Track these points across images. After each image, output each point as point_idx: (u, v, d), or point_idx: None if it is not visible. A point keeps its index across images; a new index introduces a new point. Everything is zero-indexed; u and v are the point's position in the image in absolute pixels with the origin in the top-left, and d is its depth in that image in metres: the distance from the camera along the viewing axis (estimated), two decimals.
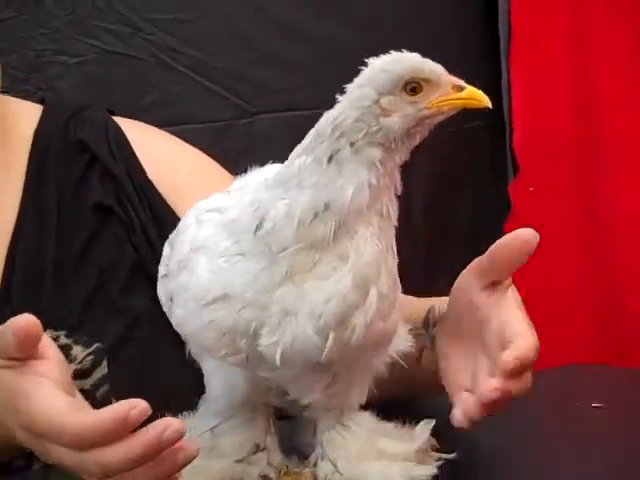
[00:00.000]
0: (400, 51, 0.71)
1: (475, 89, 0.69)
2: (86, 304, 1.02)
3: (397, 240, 0.72)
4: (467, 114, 2.01)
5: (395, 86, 0.67)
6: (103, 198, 1.07)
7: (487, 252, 0.79)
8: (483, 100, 0.70)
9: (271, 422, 0.76)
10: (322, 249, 0.66)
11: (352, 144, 0.66)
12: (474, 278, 0.80)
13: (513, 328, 0.75)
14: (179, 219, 0.89)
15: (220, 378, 0.75)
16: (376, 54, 1.78)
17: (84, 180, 1.08)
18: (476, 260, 0.81)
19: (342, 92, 1.82)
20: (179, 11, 1.65)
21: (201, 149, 1.64)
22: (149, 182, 1.09)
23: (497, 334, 0.76)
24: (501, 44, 1.95)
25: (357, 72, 1.76)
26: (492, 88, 1.97)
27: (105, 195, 1.07)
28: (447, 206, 1.93)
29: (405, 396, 0.87)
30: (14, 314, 0.71)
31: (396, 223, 0.69)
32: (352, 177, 0.66)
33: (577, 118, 1.98)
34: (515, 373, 0.71)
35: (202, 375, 0.79)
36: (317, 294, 0.65)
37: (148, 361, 1.02)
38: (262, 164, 1.66)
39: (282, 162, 1.72)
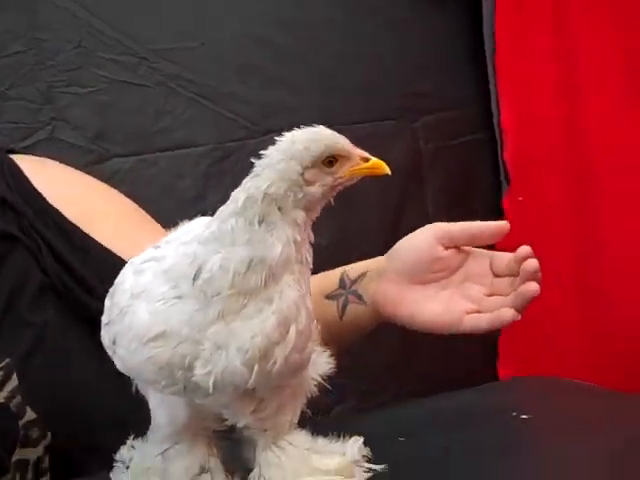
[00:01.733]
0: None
1: (377, 160, 0.81)
2: None
3: None
4: (464, 127, 2.04)
5: (317, 161, 0.78)
6: (5, 227, 1.10)
7: (459, 227, 1.03)
8: (384, 168, 0.82)
9: (213, 445, 0.86)
10: (251, 294, 0.76)
11: (280, 208, 0.77)
12: (436, 242, 1.02)
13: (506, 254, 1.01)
14: (83, 234, 1.07)
15: (163, 409, 0.84)
16: (373, 74, 1.85)
17: None
18: (440, 230, 1.03)
19: (342, 112, 1.86)
20: (179, 41, 1.69)
21: (212, 169, 1.70)
22: (48, 205, 1.12)
23: (500, 262, 1.01)
24: (487, 59, 2.00)
25: (358, 88, 1.83)
26: (482, 102, 2.02)
27: (7, 224, 1.10)
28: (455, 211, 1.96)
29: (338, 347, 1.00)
30: None
31: (311, 266, 0.80)
32: (281, 235, 0.77)
33: (564, 129, 2.00)
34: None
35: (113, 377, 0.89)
36: (245, 331, 0.75)
37: (58, 368, 1.05)
38: None
39: None
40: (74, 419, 1.03)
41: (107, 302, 0.83)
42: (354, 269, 1.10)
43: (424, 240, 1.03)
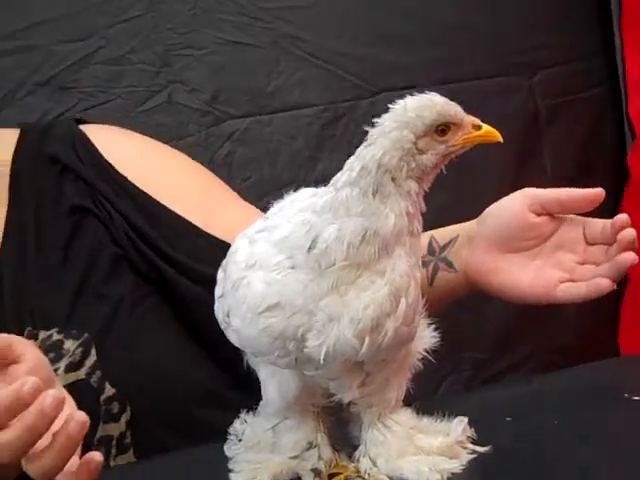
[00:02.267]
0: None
1: (490, 127, 0.82)
2: (73, 299, 1.07)
3: None
4: (584, 81, 1.98)
5: (429, 130, 0.79)
6: (78, 201, 1.12)
7: (550, 194, 1.00)
8: (497, 136, 0.83)
9: (321, 421, 0.87)
10: (364, 266, 0.77)
11: (394, 179, 0.77)
12: (527, 209, 1.01)
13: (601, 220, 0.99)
14: (154, 201, 1.09)
15: (274, 383, 0.85)
16: (489, 29, 1.80)
17: (58, 188, 1.14)
18: (531, 196, 1.01)
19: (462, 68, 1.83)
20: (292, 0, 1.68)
21: (326, 130, 1.70)
22: (119, 175, 1.14)
23: (594, 230, 0.99)
24: (613, 9, 1.92)
25: (473, 44, 1.79)
26: (604, 54, 1.95)
27: (80, 198, 1.12)
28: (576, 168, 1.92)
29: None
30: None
31: (420, 236, 0.81)
32: (394, 206, 0.77)
33: None
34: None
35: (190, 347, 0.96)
36: (357, 302, 0.76)
37: (135, 342, 1.06)
38: None
39: None
40: (152, 393, 1.05)
41: (220, 274, 0.85)
42: (442, 234, 1.09)
43: (515, 207, 1.01)
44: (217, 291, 0.85)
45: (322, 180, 1.63)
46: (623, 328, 1.95)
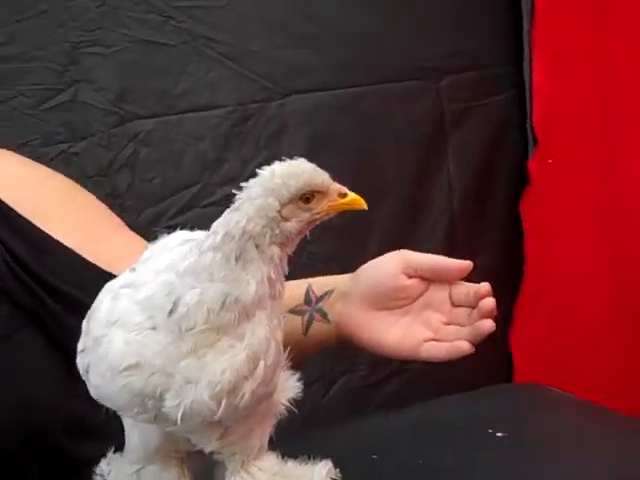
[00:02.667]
0: None
1: (355, 196, 0.82)
2: None
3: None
4: (491, 88, 2.03)
5: (294, 198, 0.80)
6: None
7: (423, 260, 1.05)
8: (362, 204, 0.83)
9: (185, 468, 0.89)
10: (224, 330, 0.78)
11: (257, 245, 0.79)
12: (401, 272, 1.04)
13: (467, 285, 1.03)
14: (36, 229, 1.05)
15: (136, 432, 0.87)
16: (400, 36, 1.83)
17: None
18: (405, 260, 1.05)
19: (371, 72, 1.86)
20: None
21: (233, 131, 1.71)
22: None
23: (459, 293, 1.03)
24: (524, 20, 1.97)
25: (382, 52, 1.82)
26: (514, 63, 1.99)
27: None
28: (479, 172, 1.97)
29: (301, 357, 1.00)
30: None
31: (282, 297, 0.82)
32: (256, 273, 0.79)
33: (597, 92, 1.97)
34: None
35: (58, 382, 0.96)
36: (215, 366, 0.78)
37: (6, 375, 1.03)
38: (294, 144, 1.73)
39: (315, 139, 1.76)
40: (21, 423, 1.02)
41: (84, 326, 0.85)
42: (319, 285, 1.11)
43: (389, 269, 1.05)
44: (79, 345, 0.85)
45: (227, 181, 1.69)
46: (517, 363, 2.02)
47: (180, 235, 0.88)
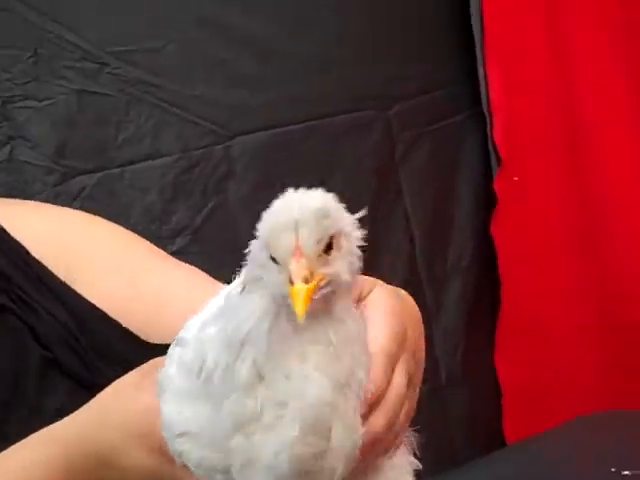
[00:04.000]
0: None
1: (295, 294, 0.60)
2: (2, 413, 0.94)
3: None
4: (446, 111, 2.00)
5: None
6: None
7: None
8: (298, 312, 0.60)
9: None
10: (258, 395, 0.63)
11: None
12: None
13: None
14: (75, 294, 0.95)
15: None
16: (344, 67, 1.78)
17: None
18: None
19: (318, 105, 1.81)
20: (141, 42, 1.60)
21: (179, 180, 1.64)
22: (37, 262, 0.98)
23: None
24: (475, 38, 1.93)
25: (327, 84, 1.77)
26: (466, 83, 1.96)
27: None
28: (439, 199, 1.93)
29: None
30: None
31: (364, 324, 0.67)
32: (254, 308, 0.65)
33: (557, 108, 1.97)
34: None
35: None
36: (267, 447, 0.63)
37: None
38: (243, 186, 1.67)
39: (264, 181, 1.70)
40: None
41: None
42: None
43: None
44: None
45: (178, 232, 1.61)
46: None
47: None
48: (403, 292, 0.79)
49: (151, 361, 0.76)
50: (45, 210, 1.10)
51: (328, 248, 0.62)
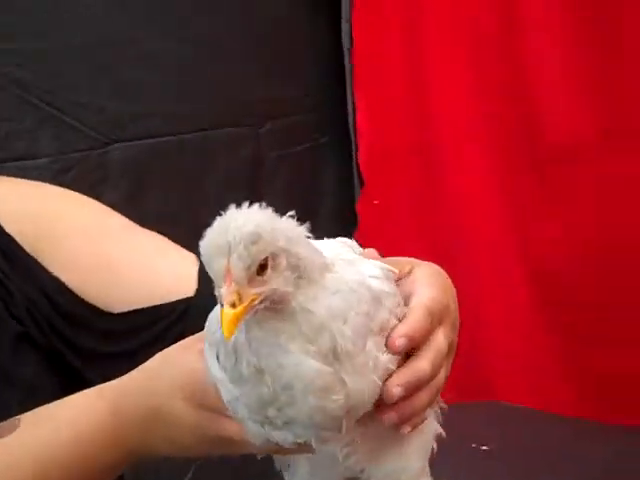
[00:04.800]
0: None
1: (225, 316, 0.65)
2: None
3: None
4: (308, 132, 2.06)
5: None
6: None
7: None
8: (226, 334, 0.66)
9: None
10: (268, 383, 0.71)
11: None
12: None
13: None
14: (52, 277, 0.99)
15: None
16: (222, 84, 1.83)
17: None
18: None
19: (194, 119, 1.83)
20: (24, 42, 1.61)
21: (56, 182, 1.64)
22: (8, 237, 1.01)
23: None
24: (345, 65, 2.03)
25: (204, 100, 1.81)
26: (336, 107, 2.05)
27: None
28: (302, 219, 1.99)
29: None
30: None
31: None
32: None
33: (416, 134, 2.07)
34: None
35: None
36: (297, 415, 0.71)
37: None
38: (116, 192, 1.68)
39: (136, 189, 1.71)
40: None
41: None
42: None
43: None
44: None
45: None
46: None
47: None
48: (440, 269, 0.84)
49: (190, 337, 0.82)
50: (24, 186, 1.11)
51: (262, 269, 0.67)
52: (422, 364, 0.74)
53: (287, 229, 0.70)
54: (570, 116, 2.02)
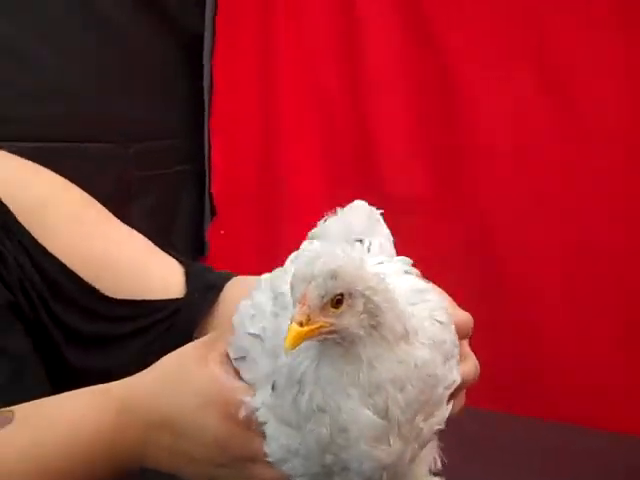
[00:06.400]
0: None
1: (292, 333, 0.72)
2: None
3: None
4: (174, 159, 2.10)
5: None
6: None
7: None
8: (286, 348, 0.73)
9: None
10: (327, 424, 0.76)
11: None
12: None
13: None
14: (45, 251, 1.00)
15: None
16: (104, 98, 1.84)
17: None
18: None
19: (69, 129, 1.82)
20: None
21: None
22: (6, 208, 1.03)
23: None
24: (205, 99, 2.10)
25: (85, 111, 1.81)
26: (195, 137, 2.11)
27: None
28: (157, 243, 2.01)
29: None
30: None
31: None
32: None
33: (264, 169, 2.14)
34: None
35: None
36: (352, 462, 0.76)
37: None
38: None
39: None
40: None
41: None
42: None
43: None
44: None
45: None
46: None
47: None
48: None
49: (212, 333, 0.83)
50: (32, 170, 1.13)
51: (338, 303, 0.73)
52: (471, 370, 0.86)
53: (371, 279, 0.75)
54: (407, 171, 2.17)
